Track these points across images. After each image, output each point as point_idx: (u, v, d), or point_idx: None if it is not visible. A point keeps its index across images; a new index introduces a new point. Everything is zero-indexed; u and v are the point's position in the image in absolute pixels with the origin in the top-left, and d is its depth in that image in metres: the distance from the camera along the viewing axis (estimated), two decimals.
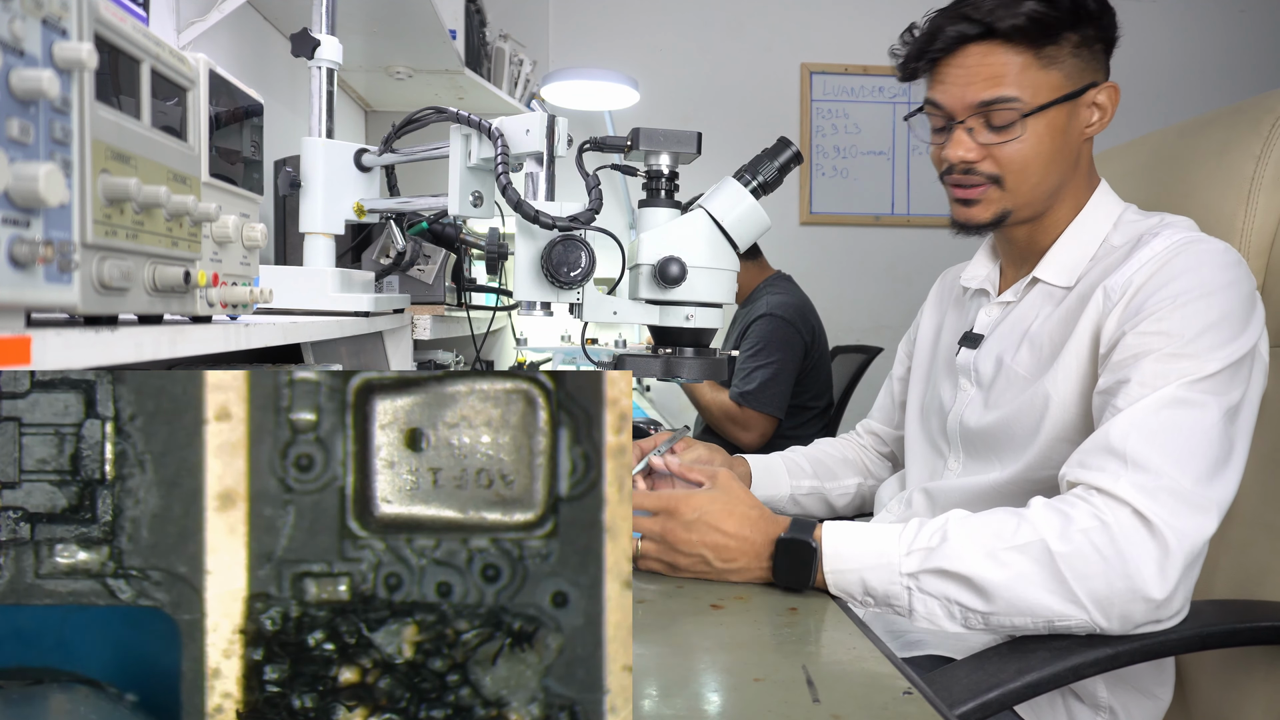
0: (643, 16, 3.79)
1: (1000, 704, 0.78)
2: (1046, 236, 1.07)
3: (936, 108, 1.04)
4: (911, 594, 0.84)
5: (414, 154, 1.14)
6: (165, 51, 0.56)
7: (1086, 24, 1.00)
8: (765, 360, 2.38)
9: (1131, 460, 0.84)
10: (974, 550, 0.83)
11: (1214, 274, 0.92)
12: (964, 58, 1.00)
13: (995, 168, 1.02)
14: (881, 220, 3.89)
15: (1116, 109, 1.05)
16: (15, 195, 0.38)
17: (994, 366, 1.07)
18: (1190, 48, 3.90)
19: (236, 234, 0.68)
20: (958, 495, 1.07)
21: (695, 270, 0.95)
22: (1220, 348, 0.88)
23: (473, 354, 1.75)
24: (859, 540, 0.87)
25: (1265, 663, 1.01)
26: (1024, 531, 0.84)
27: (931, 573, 0.84)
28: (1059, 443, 0.98)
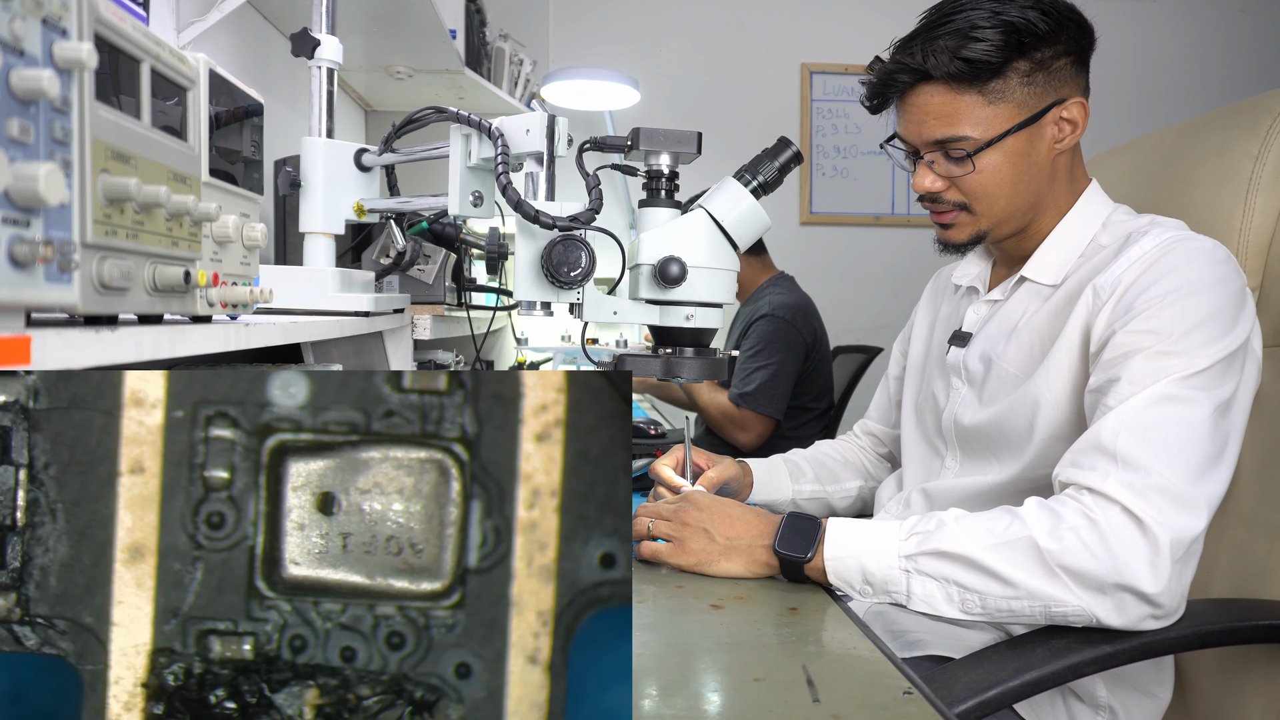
0: (643, 16, 3.79)
1: (999, 702, 0.78)
2: (1033, 242, 1.09)
3: (903, 141, 1.08)
4: (910, 577, 0.87)
5: (414, 154, 1.14)
6: (165, 51, 0.56)
7: (1038, 48, 0.98)
8: (765, 361, 2.38)
9: (1121, 458, 0.85)
10: (969, 538, 0.86)
11: (1203, 271, 0.92)
12: (915, 96, 1.03)
13: (960, 196, 1.05)
14: (881, 220, 3.89)
15: (1088, 120, 1.04)
16: (15, 195, 0.38)
17: (983, 364, 1.08)
18: (1190, 48, 3.90)
19: (236, 234, 0.68)
20: (956, 495, 1.07)
21: (695, 270, 0.95)
22: (1210, 344, 0.89)
23: (473, 354, 1.75)
24: (860, 529, 0.91)
25: (1264, 661, 1.01)
26: (1014, 528, 0.85)
27: (930, 554, 0.87)
28: (1054, 441, 0.98)
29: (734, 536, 0.94)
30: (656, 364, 0.99)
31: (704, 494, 1.03)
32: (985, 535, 0.86)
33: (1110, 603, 0.83)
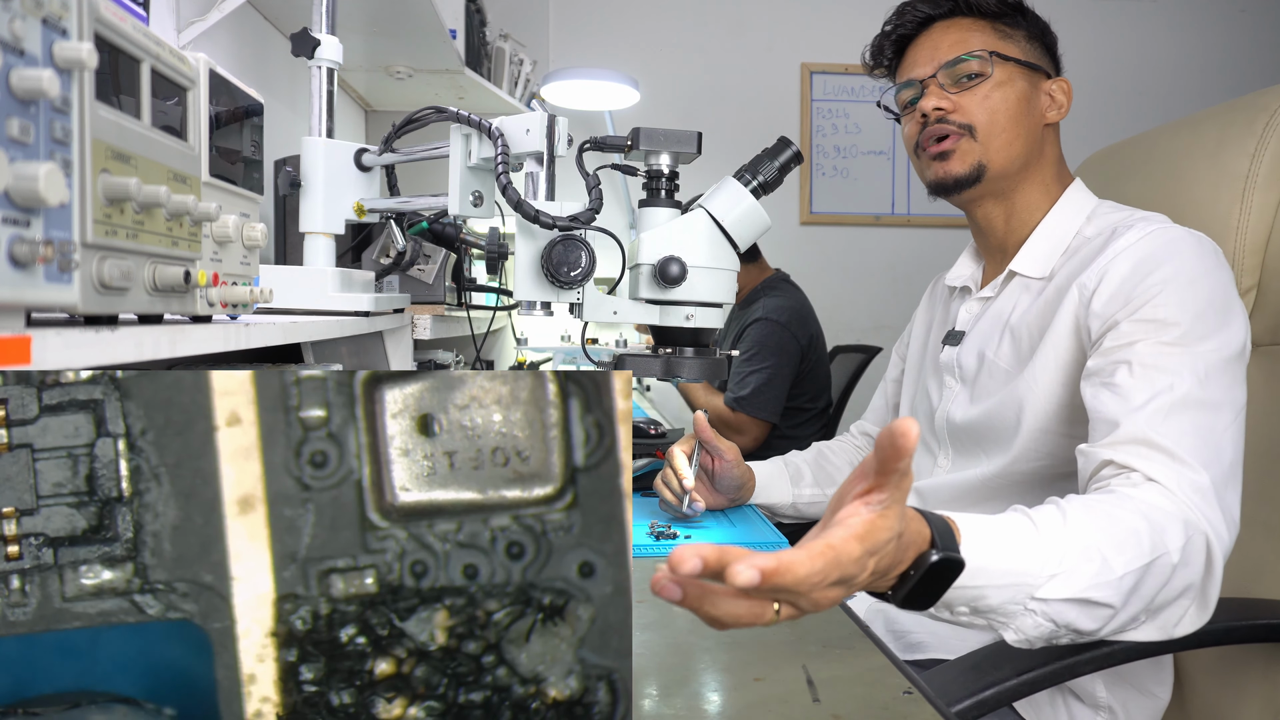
0: (643, 16, 3.79)
1: (997, 701, 0.78)
2: (1021, 226, 1.10)
3: (909, 85, 1.13)
4: (1031, 615, 0.73)
5: (414, 154, 1.14)
6: (165, 51, 0.56)
7: (1031, 21, 1.12)
8: (759, 365, 2.39)
9: (1178, 457, 0.83)
10: (1113, 572, 0.74)
11: (1195, 261, 0.93)
12: (929, 34, 1.12)
13: (966, 117, 1.07)
14: (881, 220, 3.89)
15: (1072, 103, 1.12)
16: (15, 195, 0.38)
17: (976, 361, 1.09)
18: (1190, 48, 3.90)
19: (236, 234, 0.68)
20: (946, 492, 1.08)
21: (695, 270, 0.95)
22: (1215, 334, 0.89)
23: (473, 354, 1.75)
24: (999, 555, 0.71)
25: (1262, 660, 1.01)
26: (1160, 556, 0.76)
27: (1071, 602, 0.73)
28: (1041, 435, 0.99)
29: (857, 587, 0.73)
30: (656, 364, 0.99)
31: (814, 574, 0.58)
32: (1131, 560, 0.75)
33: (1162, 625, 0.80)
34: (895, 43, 1.16)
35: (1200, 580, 0.80)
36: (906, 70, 1.14)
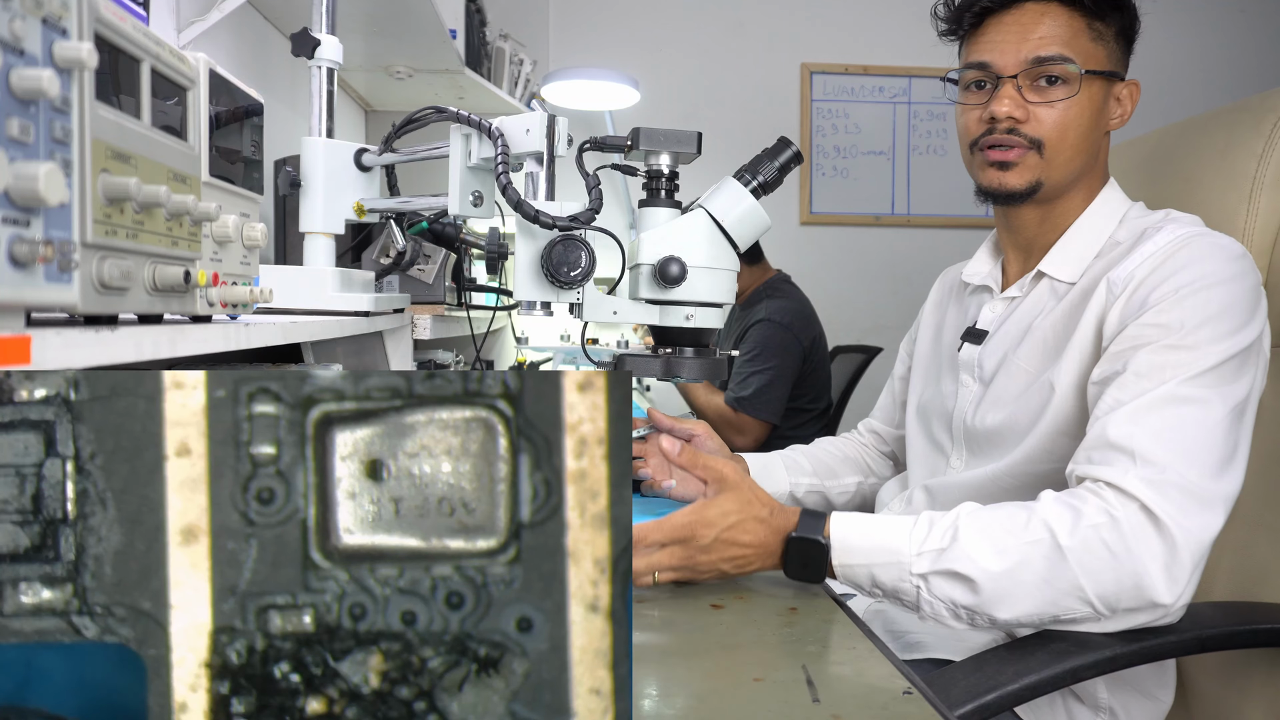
0: (643, 16, 3.79)
1: (999, 705, 0.78)
2: (1054, 229, 1.07)
3: (981, 68, 1.04)
4: (920, 592, 0.84)
5: (414, 154, 1.14)
6: (165, 51, 0.56)
7: (1123, 14, 1.03)
8: (761, 366, 2.39)
9: (1140, 455, 0.84)
10: (985, 549, 0.83)
11: (1218, 267, 0.92)
12: (1020, 14, 1.01)
13: (1038, 131, 1.01)
14: (881, 220, 3.89)
15: (1135, 109, 1.06)
16: (15, 195, 0.37)
17: (998, 362, 1.07)
18: (1190, 47, 3.90)
19: (236, 233, 0.68)
20: (957, 490, 1.07)
21: (695, 270, 0.95)
22: (1221, 340, 0.88)
23: (473, 354, 1.75)
24: (869, 534, 0.86)
25: (1266, 665, 1.01)
26: (1034, 527, 0.83)
27: (941, 574, 0.83)
28: (1058, 436, 0.98)
29: (744, 565, 0.86)
30: (656, 364, 0.99)
31: (697, 525, 0.84)
32: (1005, 536, 0.83)
33: (1120, 609, 0.82)
34: (978, 14, 1.04)
35: (1152, 570, 0.81)
36: (984, 49, 1.03)
